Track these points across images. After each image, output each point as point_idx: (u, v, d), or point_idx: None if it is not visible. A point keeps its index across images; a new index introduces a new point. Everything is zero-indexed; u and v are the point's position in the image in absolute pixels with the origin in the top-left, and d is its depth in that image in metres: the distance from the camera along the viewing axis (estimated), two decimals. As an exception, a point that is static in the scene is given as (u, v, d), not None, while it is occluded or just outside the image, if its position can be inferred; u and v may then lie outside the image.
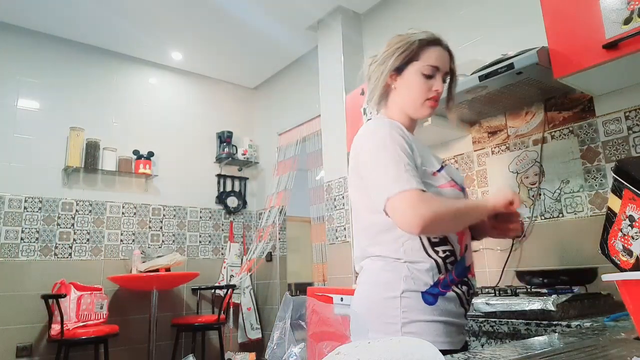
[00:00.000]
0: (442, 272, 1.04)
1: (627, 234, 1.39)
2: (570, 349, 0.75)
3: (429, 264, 1.04)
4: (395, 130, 1.08)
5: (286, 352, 0.74)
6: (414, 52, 1.15)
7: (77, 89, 3.52)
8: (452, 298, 1.05)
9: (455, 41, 2.38)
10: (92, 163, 3.41)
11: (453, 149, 2.38)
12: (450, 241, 1.07)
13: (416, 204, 0.97)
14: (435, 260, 1.05)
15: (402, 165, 1.02)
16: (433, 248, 1.05)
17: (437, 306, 1.03)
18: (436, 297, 1.03)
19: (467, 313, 1.12)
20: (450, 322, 1.04)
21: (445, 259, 1.06)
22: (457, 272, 1.07)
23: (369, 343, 0.59)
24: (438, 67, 1.16)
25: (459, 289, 1.06)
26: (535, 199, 1.98)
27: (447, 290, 1.05)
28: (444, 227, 1.03)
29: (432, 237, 1.06)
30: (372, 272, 1.10)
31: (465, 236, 1.11)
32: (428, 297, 1.03)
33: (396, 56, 1.16)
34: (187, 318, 3.43)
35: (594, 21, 1.45)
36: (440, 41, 1.18)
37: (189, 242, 3.85)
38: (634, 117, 1.70)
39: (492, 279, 2.08)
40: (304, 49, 3.73)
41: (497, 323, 1.39)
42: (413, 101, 1.17)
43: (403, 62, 1.16)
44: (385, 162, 1.03)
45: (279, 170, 3.89)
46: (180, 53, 3.84)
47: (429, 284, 1.03)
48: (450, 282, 1.05)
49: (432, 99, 1.16)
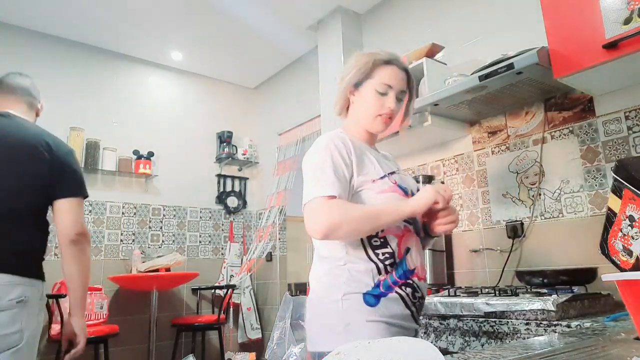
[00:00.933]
0: (381, 274, 1.09)
1: (627, 234, 1.39)
2: (570, 349, 0.75)
3: (369, 265, 1.09)
4: (333, 141, 1.15)
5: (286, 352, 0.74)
6: (369, 70, 1.23)
7: (77, 89, 3.52)
8: (395, 299, 1.09)
9: (455, 41, 2.40)
10: (92, 163, 3.41)
11: (453, 149, 2.38)
12: (390, 244, 1.12)
13: (320, 210, 1.04)
14: (375, 262, 1.10)
15: (326, 172, 1.09)
16: (374, 251, 1.11)
17: (379, 307, 1.07)
18: (378, 298, 1.07)
19: (419, 316, 1.16)
20: (394, 324, 1.07)
21: (384, 260, 1.10)
22: (398, 274, 1.11)
23: (369, 343, 0.59)
24: (391, 85, 1.22)
25: (403, 290, 1.10)
26: (535, 199, 1.98)
27: (389, 292, 1.08)
28: (348, 232, 1.06)
29: (373, 241, 1.11)
30: (318, 275, 1.16)
31: (405, 239, 1.15)
32: (369, 298, 1.07)
33: (354, 72, 1.24)
34: (187, 318, 3.43)
35: (594, 21, 1.45)
36: (396, 61, 1.25)
37: (189, 242, 3.85)
38: (634, 117, 1.70)
39: (492, 279, 2.08)
40: (304, 49, 3.73)
41: (497, 323, 1.39)
42: (367, 115, 1.24)
43: (360, 79, 1.24)
44: (313, 170, 1.12)
45: (279, 170, 3.89)
46: (180, 53, 3.84)
47: (370, 285, 1.08)
48: (393, 283, 1.09)
49: (385, 115, 1.22)
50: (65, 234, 1.55)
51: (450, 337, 1.54)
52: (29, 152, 1.52)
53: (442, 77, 2.10)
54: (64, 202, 1.56)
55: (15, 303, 1.36)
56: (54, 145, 1.59)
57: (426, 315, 1.63)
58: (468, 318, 1.48)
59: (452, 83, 1.96)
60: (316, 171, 1.11)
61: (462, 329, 1.50)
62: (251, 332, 3.77)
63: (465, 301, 1.50)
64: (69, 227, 1.55)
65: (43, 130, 1.64)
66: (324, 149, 1.14)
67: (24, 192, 1.50)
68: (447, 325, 1.55)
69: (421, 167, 2.55)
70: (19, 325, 1.36)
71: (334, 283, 1.10)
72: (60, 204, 1.56)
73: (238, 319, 3.84)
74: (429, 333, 1.62)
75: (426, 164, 2.52)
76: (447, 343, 1.55)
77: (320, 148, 1.15)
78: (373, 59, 1.23)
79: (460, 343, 1.50)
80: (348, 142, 1.17)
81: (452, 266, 2.28)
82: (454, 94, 1.89)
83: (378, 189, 1.15)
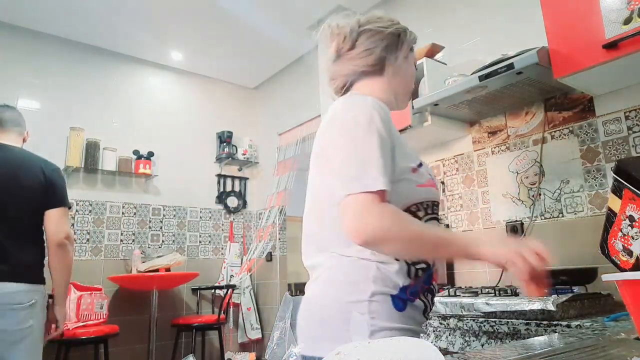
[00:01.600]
0: (411, 277, 0.92)
1: (627, 234, 1.39)
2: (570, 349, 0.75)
3: (399, 265, 0.91)
4: (378, 112, 0.91)
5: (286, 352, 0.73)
6: (412, 42, 1.11)
7: (77, 89, 3.52)
8: (419, 307, 0.94)
9: (455, 41, 2.40)
10: (92, 163, 3.41)
11: (453, 149, 2.38)
12: None
13: (367, 213, 0.83)
14: (406, 262, 0.92)
15: (374, 156, 0.86)
16: None
17: (406, 313, 0.91)
18: (405, 303, 0.91)
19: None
20: (415, 331, 0.93)
21: (416, 263, 0.93)
22: (424, 279, 0.95)
23: (369, 343, 0.59)
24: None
25: (425, 297, 0.95)
26: (535, 199, 1.98)
27: (415, 298, 0.93)
28: (395, 250, 0.88)
29: None
30: (335, 271, 0.94)
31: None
32: (398, 302, 0.90)
33: (402, 38, 1.07)
34: (187, 318, 3.43)
35: (594, 21, 1.45)
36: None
37: (189, 242, 3.85)
38: (634, 117, 1.70)
39: (492, 279, 2.08)
40: (304, 49, 3.73)
41: (497, 323, 1.39)
42: (404, 89, 1.09)
43: (406, 44, 1.08)
44: (356, 148, 0.88)
45: (279, 170, 3.89)
46: (180, 53, 3.84)
47: (399, 286, 0.90)
48: (420, 290, 0.94)
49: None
50: (53, 238, 1.89)
51: (450, 337, 1.54)
52: (30, 180, 1.87)
53: (442, 77, 2.10)
54: (53, 211, 1.90)
55: (28, 305, 1.77)
56: (46, 168, 1.93)
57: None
58: (468, 318, 1.48)
59: (452, 83, 1.96)
60: (358, 152, 0.87)
61: (462, 329, 1.50)
62: (251, 332, 3.77)
63: (465, 301, 1.50)
64: (57, 232, 1.90)
65: (32, 154, 1.97)
66: (368, 121, 0.89)
67: (29, 215, 1.86)
68: (447, 325, 1.55)
69: (421, 167, 2.54)
70: (31, 322, 1.78)
71: (359, 281, 0.90)
72: (50, 213, 1.90)
73: (238, 319, 3.84)
74: (429, 333, 1.62)
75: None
76: (447, 343, 1.55)
77: (363, 118, 0.89)
78: (414, 35, 1.11)
79: (460, 343, 1.50)
80: (390, 115, 0.95)
81: (452, 266, 2.28)
82: (454, 94, 1.89)
83: (418, 181, 0.95)
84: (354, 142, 0.88)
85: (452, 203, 2.35)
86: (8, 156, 1.89)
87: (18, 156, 1.92)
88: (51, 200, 1.91)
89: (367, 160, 0.86)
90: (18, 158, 1.90)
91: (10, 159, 1.88)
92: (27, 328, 1.76)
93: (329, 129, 0.95)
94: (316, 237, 0.99)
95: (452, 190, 2.36)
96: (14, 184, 1.83)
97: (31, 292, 1.79)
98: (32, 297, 1.79)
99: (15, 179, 1.84)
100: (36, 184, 1.88)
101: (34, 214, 1.87)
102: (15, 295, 1.74)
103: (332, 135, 0.93)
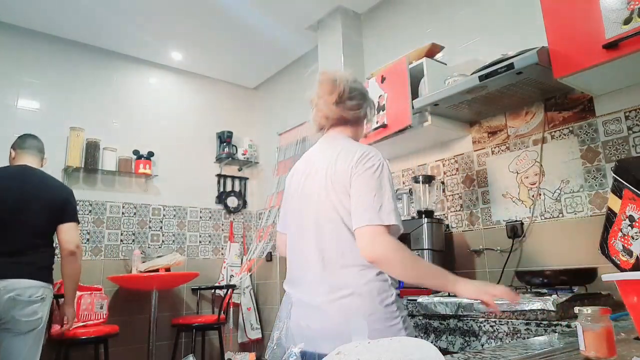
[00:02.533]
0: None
1: (627, 234, 1.39)
2: (570, 349, 0.75)
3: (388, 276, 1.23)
4: (387, 164, 1.26)
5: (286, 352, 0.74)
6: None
7: (77, 89, 3.52)
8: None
9: (455, 41, 2.40)
10: (92, 163, 3.41)
11: (453, 149, 2.38)
12: None
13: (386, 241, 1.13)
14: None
15: (389, 197, 1.17)
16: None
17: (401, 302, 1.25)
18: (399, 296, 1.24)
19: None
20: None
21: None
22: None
23: (369, 343, 0.59)
24: None
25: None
26: (535, 199, 1.98)
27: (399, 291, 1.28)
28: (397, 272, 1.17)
29: None
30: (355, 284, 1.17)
31: None
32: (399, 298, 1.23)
33: (371, 104, 1.48)
34: (187, 318, 3.42)
35: (594, 21, 1.45)
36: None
37: (189, 242, 3.85)
38: (634, 117, 1.70)
39: (492, 279, 2.08)
40: (304, 49, 3.73)
41: (497, 323, 1.39)
42: (359, 139, 1.45)
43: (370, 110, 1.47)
44: (382, 191, 1.18)
45: (279, 170, 3.89)
46: (180, 53, 3.84)
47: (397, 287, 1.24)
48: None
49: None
50: (65, 246, 2.23)
51: (450, 337, 1.54)
52: (50, 197, 2.22)
53: (442, 77, 2.10)
54: (66, 225, 2.25)
55: (39, 299, 2.06)
56: (62, 189, 2.33)
57: (426, 315, 1.63)
58: (468, 318, 1.48)
59: (452, 83, 1.96)
60: (378, 192, 1.17)
61: (462, 329, 1.50)
62: (251, 332, 3.77)
63: (465, 301, 1.50)
64: (69, 243, 2.23)
65: (51, 176, 2.35)
66: (385, 170, 1.22)
67: (46, 226, 2.20)
68: (447, 325, 1.55)
69: (421, 167, 2.55)
70: (40, 314, 2.06)
71: (383, 288, 1.18)
72: (64, 226, 2.24)
73: (238, 319, 3.84)
74: (429, 333, 1.62)
75: (426, 164, 2.52)
76: (447, 343, 1.55)
77: (381, 168, 1.21)
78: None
79: (460, 343, 1.50)
80: None
81: (452, 266, 2.27)
82: (454, 94, 1.89)
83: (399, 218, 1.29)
84: (379, 184, 1.18)
85: (452, 203, 2.35)
86: (32, 175, 2.25)
87: (40, 176, 2.28)
88: (65, 216, 2.25)
89: (384, 201, 1.16)
90: (40, 177, 2.27)
91: (34, 177, 2.24)
92: (36, 320, 2.04)
93: (354, 168, 1.21)
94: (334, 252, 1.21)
95: (452, 190, 2.36)
96: (36, 199, 2.17)
97: (42, 288, 2.08)
98: (43, 293, 2.08)
99: (37, 195, 2.18)
100: (54, 201, 2.23)
101: (49, 226, 2.21)
102: (30, 290, 2.03)
103: (358, 173, 1.20)
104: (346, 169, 1.22)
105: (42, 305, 2.08)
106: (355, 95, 1.39)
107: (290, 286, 1.32)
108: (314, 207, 1.26)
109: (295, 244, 1.32)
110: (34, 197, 2.17)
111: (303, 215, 1.30)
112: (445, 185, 2.39)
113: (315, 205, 1.25)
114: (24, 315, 2.00)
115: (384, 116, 2.29)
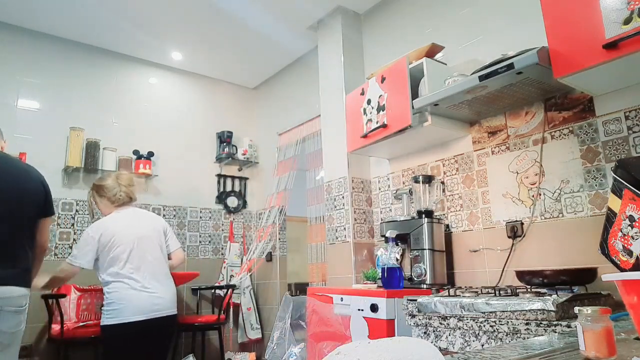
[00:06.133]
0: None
1: (627, 234, 1.39)
2: (570, 349, 0.75)
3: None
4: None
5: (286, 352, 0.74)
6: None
7: (77, 89, 3.52)
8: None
9: (455, 41, 2.40)
10: (92, 163, 3.41)
11: (453, 149, 2.38)
12: None
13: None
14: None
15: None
16: None
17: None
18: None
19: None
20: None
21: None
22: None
23: (369, 343, 0.59)
24: None
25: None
26: (535, 199, 1.98)
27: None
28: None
29: None
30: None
31: None
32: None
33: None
34: (187, 318, 3.42)
35: (594, 21, 1.45)
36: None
37: (189, 242, 3.85)
38: (634, 117, 1.70)
39: (492, 279, 2.08)
40: (304, 49, 3.73)
41: (497, 323, 1.39)
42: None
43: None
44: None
45: (279, 170, 3.89)
46: (180, 53, 3.84)
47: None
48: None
49: None
50: (44, 244, 1.99)
51: (450, 337, 1.54)
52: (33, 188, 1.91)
53: (442, 77, 2.10)
54: (48, 220, 1.99)
55: (23, 309, 1.79)
56: (42, 178, 1.98)
57: (426, 315, 1.63)
58: (468, 318, 1.48)
59: (452, 83, 1.96)
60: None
61: (462, 329, 1.50)
62: (251, 332, 3.77)
63: (465, 301, 1.50)
64: (47, 240, 2.01)
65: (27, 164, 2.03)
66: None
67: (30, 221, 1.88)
68: (447, 325, 1.55)
69: (421, 167, 2.55)
70: (22, 325, 1.81)
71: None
72: (45, 221, 1.97)
73: (238, 319, 3.84)
74: (429, 333, 1.62)
75: (426, 164, 2.52)
76: (447, 343, 1.55)
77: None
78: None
79: (460, 343, 1.50)
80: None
81: (452, 266, 2.28)
82: (454, 94, 1.90)
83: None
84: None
85: (452, 203, 2.35)
86: (11, 164, 1.89)
87: (20, 164, 1.95)
88: (47, 209, 1.97)
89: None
90: (21, 166, 1.93)
91: (13, 166, 1.89)
92: (19, 331, 1.78)
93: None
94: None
95: (452, 190, 2.36)
96: (19, 191, 1.84)
97: (26, 296, 1.81)
98: (27, 301, 1.82)
99: (19, 186, 1.85)
100: (39, 192, 1.92)
101: (33, 220, 1.89)
102: (19, 299, 1.75)
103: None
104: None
105: (24, 314, 1.81)
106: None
107: None
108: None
109: None
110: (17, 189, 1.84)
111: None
112: (445, 185, 2.39)
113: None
114: (11, 327, 1.72)
115: (384, 116, 2.29)
